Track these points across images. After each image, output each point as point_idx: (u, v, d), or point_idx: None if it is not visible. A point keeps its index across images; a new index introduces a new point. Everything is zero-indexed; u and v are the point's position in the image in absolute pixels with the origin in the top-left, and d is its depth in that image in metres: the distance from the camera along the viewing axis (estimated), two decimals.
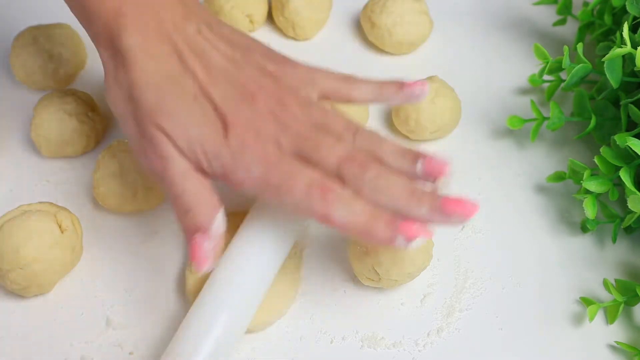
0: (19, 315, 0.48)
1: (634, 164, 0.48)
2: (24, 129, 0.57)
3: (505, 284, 0.51)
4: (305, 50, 0.63)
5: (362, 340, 0.48)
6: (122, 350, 0.47)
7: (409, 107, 0.55)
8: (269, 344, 0.47)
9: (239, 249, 0.46)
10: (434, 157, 0.42)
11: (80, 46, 0.60)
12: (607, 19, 0.58)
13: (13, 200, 0.51)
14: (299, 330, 0.48)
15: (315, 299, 0.49)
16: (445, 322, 0.49)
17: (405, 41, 0.61)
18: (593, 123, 0.53)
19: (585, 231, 0.53)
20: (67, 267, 0.48)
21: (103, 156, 0.51)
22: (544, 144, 0.58)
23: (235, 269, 0.45)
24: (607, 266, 0.52)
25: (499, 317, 0.49)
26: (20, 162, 0.55)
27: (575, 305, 0.50)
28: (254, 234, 0.46)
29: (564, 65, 0.53)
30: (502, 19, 0.67)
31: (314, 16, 0.62)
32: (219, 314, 0.43)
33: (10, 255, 0.46)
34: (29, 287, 0.47)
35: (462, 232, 0.53)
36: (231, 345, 0.44)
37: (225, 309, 0.43)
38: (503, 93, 0.61)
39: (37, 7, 0.64)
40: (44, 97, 0.54)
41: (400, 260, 0.46)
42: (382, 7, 0.60)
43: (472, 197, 0.54)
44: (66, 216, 0.49)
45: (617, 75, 0.50)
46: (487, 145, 0.58)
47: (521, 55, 0.64)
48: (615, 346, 0.48)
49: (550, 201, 0.55)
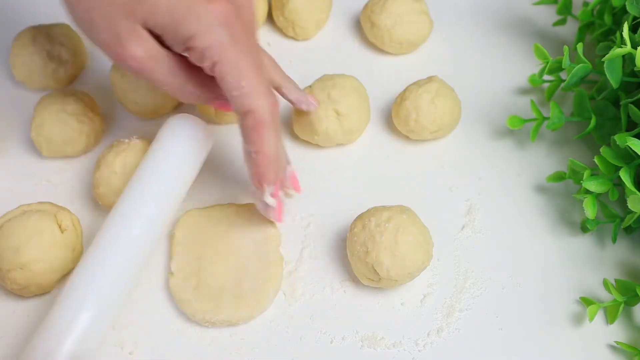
0: (19, 315, 0.48)
1: (634, 164, 0.48)
2: (24, 129, 0.57)
3: (505, 284, 0.51)
4: (305, 50, 0.63)
5: (362, 340, 0.48)
6: (122, 350, 0.47)
7: (409, 107, 0.55)
8: (269, 344, 0.47)
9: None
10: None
11: (81, 46, 0.60)
12: (607, 19, 0.58)
13: (13, 200, 0.51)
14: (299, 330, 0.48)
15: (315, 299, 0.49)
16: (445, 322, 0.49)
17: (405, 41, 0.61)
18: (593, 123, 0.53)
19: (585, 231, 0.53)
20: (67, 267, 0.48)
21: (103, 156, 0.51)
22: (544, 144, 0.58)
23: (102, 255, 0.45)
24: (607, 266, 0.52)
25: (499, 317, 0.49)
26: (20, 162, 0.55)
27: (575, 305, 0.50)
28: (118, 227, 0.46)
29: (564, 65, 0.53)
30: (502, 19, 0.67)
31: (314, 16, 0.62)
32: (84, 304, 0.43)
33: (10, 255, 0.46)
34: (29, 287, 0.47)
35: (462, 232, 0.53)
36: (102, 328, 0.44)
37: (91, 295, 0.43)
38: (503, 93, 0.61)
39: (37, 7, 0.64)
40: (44, 97, 0.54)
41: (400, 260, 0.46)
42: (382, 7, 0.60)
43: (472, 197, 0.55)
44: (66, 216, 0.49)
45: (617, 75, 0.50)
46: (487, 145, 0.58)
47: (521, 55, 0.64)
48: (615, 346, 0.48)
49: (550, 201, 0.55)
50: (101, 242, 0.45)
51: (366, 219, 0.48)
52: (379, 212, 0.48)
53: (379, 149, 0.57)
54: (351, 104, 0.54)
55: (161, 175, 0.47)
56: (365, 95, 0.56)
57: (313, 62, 0.62)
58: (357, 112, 0.55)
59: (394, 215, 0.47)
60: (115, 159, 0.50)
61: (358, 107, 0.55)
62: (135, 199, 0.46)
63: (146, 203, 0.46)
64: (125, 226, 0.45)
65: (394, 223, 0.47)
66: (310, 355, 0.47)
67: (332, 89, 0.54)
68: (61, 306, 0.43)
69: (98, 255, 0.44)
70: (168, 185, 0.48)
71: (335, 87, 0.54)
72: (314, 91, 0.55)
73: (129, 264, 0.45)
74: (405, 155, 0.57)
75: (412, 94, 0.55)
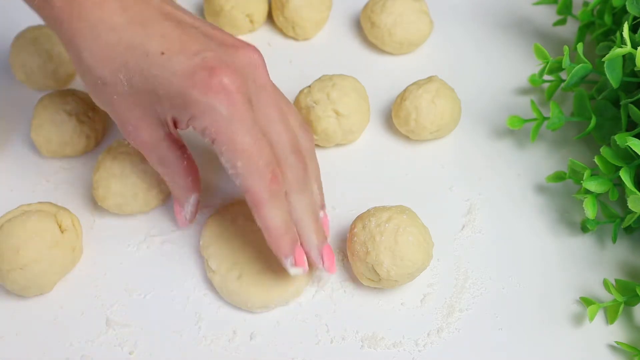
0: (19, 315, 0.48)
1: (634, 164, 0.48)
2: (24, 129, 0.57)
3: (505, 284, 0.51)
4: (305, 50, 0.63)
5: (362, 340, 0.48)
6: (122, 350, 0.47)
7: (409, 107, 0.55)
8: (269, 344, 0.47)
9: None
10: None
11: None
12: (607, 19, 0.58)
13: (13, 200, 0.51)
14: (299, 330, 0.48)
15: (315, 299, 0.49)
16: (445, 322, 0.49)
17: (405, 41, 0.61)
18: (593, 123, 0.53)
19: (585, 231, 0.53)
20: (67, 267, 0.48)
21: (103, 157, 0.51)
22: (544, 144, 0.58)
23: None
24: (607, 266, 0.52)
25: (499, 317, 0.49)
26: (20, 162, 0.55)
27: (575, 305, 0.50)
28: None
29: (564, 65, 0.53)
30: (502, 19, 0.67)
31: (314, 16, 0.62)
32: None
33: (10, 255, 0.46)
34: (29, 287, 0.47)
35: (462, 232, 0.53)
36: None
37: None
38: (503, 93, 0.61)
39: None
40: (44, 97, 0.54)
41: (400, 260, 0.46)
42: (382, 7, 0.60)
43: (472, 197, 0.55)
44: (66, 216, 0.49)
45: (617, 75, 0.50)
46: (487, 145, 0.58)
47: (521, 55, 0.64)
48: (615, 346, 0.48)
49: (550, 201, 0.55)
50: None
51: (366, 219, 0.48)
52: (379, 212, 0.48)
53: (379, 149, 0.57)
54: (351, 104, 0.54)
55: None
56: (365, 96, 0.56)
57: (313, 62, 0.62)
58: (357, 112, 0.55)
59: (394, 215, 0.47)
60: (114, 161, 0.50)
61: (358, 107, 0.55)
62: None
63: None
64: None
65: (394, 223, 0.47)
66: (310, 355, 0.47)
67: (332, 89, 0.54)
68: None
69: None
70: None
71: (335, 87, 0.54)
72: (314, 91, 0.55)
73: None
74: (405, 155, 0.57)
75: (412, 94, 0.55)
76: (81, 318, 0.48)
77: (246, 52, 0.44)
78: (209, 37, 0.44)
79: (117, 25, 0.42)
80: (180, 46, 0.42)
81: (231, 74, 0.42)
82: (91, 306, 0.48)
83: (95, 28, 0.42)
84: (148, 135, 0.45)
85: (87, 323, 0.48)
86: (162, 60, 0.42)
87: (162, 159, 0.46)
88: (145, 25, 0.42)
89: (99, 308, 0.48)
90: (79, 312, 0.48)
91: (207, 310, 0.49)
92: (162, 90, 0.42)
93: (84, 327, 0.47)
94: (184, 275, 0.50)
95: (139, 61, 0.42)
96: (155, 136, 0.45)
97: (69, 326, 0.48)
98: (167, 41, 0.42)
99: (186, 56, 0.42)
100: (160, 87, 0.42)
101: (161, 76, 0.42)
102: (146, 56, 0.42)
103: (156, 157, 0.46)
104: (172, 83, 0.42)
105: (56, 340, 0.47)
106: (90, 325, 0.48)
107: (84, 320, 0.48)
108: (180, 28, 0.43)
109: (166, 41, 0.42)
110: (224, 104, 0.41)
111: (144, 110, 0.44)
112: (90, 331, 0.47)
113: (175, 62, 0.42)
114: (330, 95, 0.54)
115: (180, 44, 0.42)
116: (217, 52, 0.42)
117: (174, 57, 0.42)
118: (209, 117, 0.42)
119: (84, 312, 0.48)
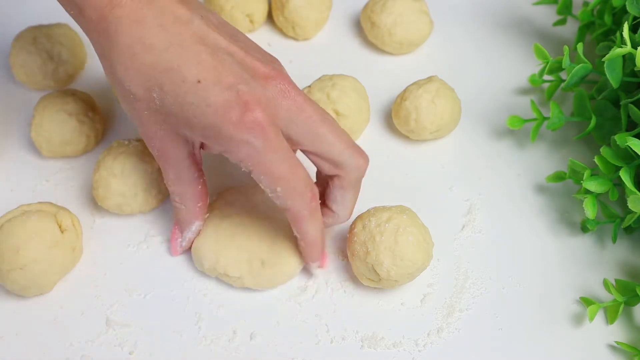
0: (19, 315, 0.48)
1: (634, 164, 0.48)
2: (24, 129, 0.57)
3: (505, 284, 0.51)
4: (305, 50, 0.63)
5: (362, 340, 0.48)
6: (122, 350, 0.47)
7: (409, 107, 0.55)
8: (269, 345, 0.47)
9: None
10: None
11: (80, 46, 0.60)
12: (607, 19, 0.58)
13: (13, 200, 0.51)
14: (299, 330, 0.48)
15: (315, 299, 0.49)
16: (445, 322, 0.49)
17: (405, 41, 0.61)
18: (593, 123, 0.53)
19: (585, 231, 0.53)
20: (67, 267, 0.48)
21: (103, 157, 0.51)
22: (544, 144, 0.58)
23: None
24: (607, 266, 0.52)
25: (499, 317, 0.49)
26: (20, 162, 0.55)
27: (575, 305, 0.50)
28: None
29: (564, 65, 0.53)
30: (502, 19, 0.67)
31: (314, 16, 0.62)
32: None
33: (10, 255, 0.46)
34: (29, 287, 0.47)
35: (462, 232, 0.53)
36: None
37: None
38: (503, 93, 0.61)
39: (37, 7, 0.64)
40: (44, 97, 0.54)
41: (400, 260, 0.46)
42: (382, 7, 0.60)
43: (472, 197, 0.55)
44: (66, 216, 0.49)
45: (617, 75, 0.50)
46: (487, 145, 0.58)
47: (521, 55, 0.64)
48: (615, 346, 0.48)
49: (550, 201, 0.55)
50: None
51: (366, 219, 0.48)
52: (379, 212, 0.48)
53: (379, 149, 0.57)
54: (351, 104, 0.54)
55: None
56: (365, 96, 0.56)
57: (313, 62, 0.62)
58: (357, 112, 0.55)
59: (394, 215, 0.47)
60: (114, 161, 0.50)
61: (357, 108, 0.55)
62: None
63: None
64: None
65: (394, 223, 0.47)
66: (310, 355, 0.47)
67: (332, 89, 0.54)
68: None
69: None
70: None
71: (335, 87, 0.54)
72: (313, 91, 0.55)
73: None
74: (405, 155, 0.57)
75: (412, 94, 0.55)
76: (81, 318, 0.48)
77: (276, 82, 0.44)
78: (242, 65, 0.44)
79: (155, 46, 0.42)
80: (215, 76, 0.42)
81: (263, 109, 0.42)
82: (91, 306, 0.48)
83: (132, 47, 0.42)
84: (172, 151, 0.45)
85: (87, 323, 0.48)
86: (198, 89, 0.42)
87: (180, 176, 0.47)
88: (182, 49, 0.42)
89: (99, 308, 0.48)
90: (79, 312, 0.48)
91: (207, 310, 0.49)
92: (196, 119, 0.42)
93: (84, 327, 0.48)
94: (184, 275, 0.50)
95: (175, 87, 0.42)
96: (178, 153, 0.46)
97: (69, 326, 0.48)
98: (203, 69, 0.42)
99: (221, 88, 0.42)
100: (194, 116, 0.42)
101: (196, 105, 0.42)
102: (182, 82, 0.42)
103: (174, 173, 0.47)
104: (206, 114, 0.42)
105: (56, 340, 0.47)
106: (90, 325, 0.48)
107: (84, 320, 0.48)
108: (216, 55, 0.43)
109: (203, 69, 0.42)
110: (259, 139, 0.42)
111: (172, 128, 0.44)
112: (90, 331, 0.47)
113: (211, 94, 0.42)
114: (330, 95, 0.54)
115: (215, 74, 0.42)
116: (250, 86, 0.43)
117: (210, 88, 0.42)
118: (244, 150, 0.42)
119: (84, 312, 0.48)
